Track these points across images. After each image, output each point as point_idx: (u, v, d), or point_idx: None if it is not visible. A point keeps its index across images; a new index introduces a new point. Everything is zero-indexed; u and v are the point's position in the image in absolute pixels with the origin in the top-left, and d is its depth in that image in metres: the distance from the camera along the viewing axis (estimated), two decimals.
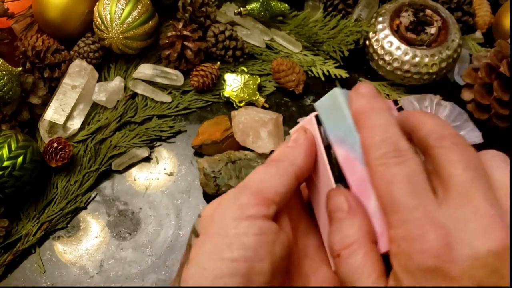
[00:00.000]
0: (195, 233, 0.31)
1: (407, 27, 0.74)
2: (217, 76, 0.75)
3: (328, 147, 0.32)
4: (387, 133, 0.27)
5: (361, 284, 0.26)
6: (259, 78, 0.76)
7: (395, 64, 0.73)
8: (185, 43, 0.74)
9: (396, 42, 0.73)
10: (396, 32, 0.74)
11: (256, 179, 0.31)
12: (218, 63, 0.76)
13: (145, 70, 0.75)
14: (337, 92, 0.31)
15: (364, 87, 0.30)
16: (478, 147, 0.71)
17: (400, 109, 0.39)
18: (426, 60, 0.71)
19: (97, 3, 0.74)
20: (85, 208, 0.68)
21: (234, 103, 0.74)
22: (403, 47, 0.72)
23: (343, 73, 0.76)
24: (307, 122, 0.34)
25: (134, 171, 0.71)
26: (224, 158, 0.66)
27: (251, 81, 0.75)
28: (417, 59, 0.72)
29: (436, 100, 0.65)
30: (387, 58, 0.73)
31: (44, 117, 0.71)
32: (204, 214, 0.32)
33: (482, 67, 0.68)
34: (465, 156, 0.26)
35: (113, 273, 0.63)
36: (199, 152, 0.71)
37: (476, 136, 0.63)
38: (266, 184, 0.30)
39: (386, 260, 0.27)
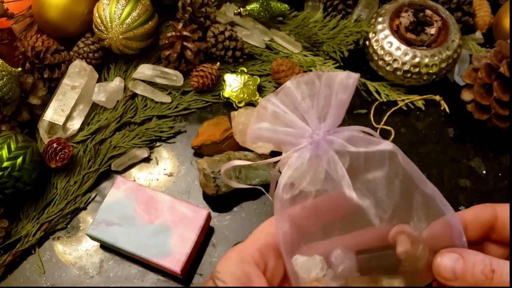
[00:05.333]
0: None
1: (407, 27, 0.74)
2: (217, 76, 0.75)
3: None
4: None
5: None
6: (259, 78, 0.76)
7: (395, 65, 0.73)
8: (185, 43, 0.74)
9: (396, 42, 0.73)
10: (396, 32, 0.74)
11: None
12: (218, 63, 0.76)
13: (144, 70, 0.75)
14: None
15: None
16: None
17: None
18: (426, 60, 0.71)
19: (97, 4, 0.74)
20: (84, 208, 0.68)
21: (234, 104, 0.74)
22: (403, 47, 0.72)
23: None
24: None
25: (134, 171, 0.71)
26: (224, 159, 0.66)
27: (251, 82, 0.75)
28: (417, 59, 0.72)
29: (327, 71, 0.52)
30: (387, 58, 0.73)
31: (43, 118, 0.71)
32: None
33: (482, 68, 0.68)
34: None
35: (112, 273, 0.63)
36: (199, 152, 0.71)
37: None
38: None
39: None
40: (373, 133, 0.47)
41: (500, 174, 0.70)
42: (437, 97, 0.75)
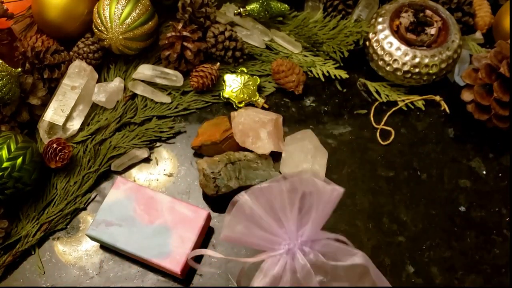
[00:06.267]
0: None
1: (407, 27, 0.74)
2: (217, 76, 0.75)
3: None
4: None
5: None
6: (259, 78, 0.76)
7: (395, 65, 0.73)
8: (185, 43, 0.74)
9: (396, 42, 0.73)
10: (396, 32, 0.74)
11: None
12: (218, 63, 0.76)
13: (144, 70, 0.75)
14: None
15: None
16: None
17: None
18: (426, 60, 0.71)
19: (97, 4, 0.74)
20: (84, 209, 0.68)
21: (233, 104, 0.74)
22: (403, 47, 0.72)
23: (343, 74, 0.76)
24: None
25: (133, 172, 0.71)
26: (224, 159, 0.66)
27: (251, 82, 0.75)
28: (417, 59, 0.72)
29: (310, 175, 0.49)
30: (387, 58, 0.73)
31: (43, 118, 0.71)
32: None
33: (482, 68, 0.68)
34: None
35: (112, 274, 0.63)
36: (198, 153, 0.71)
37: None
38: None
39: None
40: (346, 241, 0.48)
41: (500, 175, 0.70)
42: (437, 98, 0.75)
